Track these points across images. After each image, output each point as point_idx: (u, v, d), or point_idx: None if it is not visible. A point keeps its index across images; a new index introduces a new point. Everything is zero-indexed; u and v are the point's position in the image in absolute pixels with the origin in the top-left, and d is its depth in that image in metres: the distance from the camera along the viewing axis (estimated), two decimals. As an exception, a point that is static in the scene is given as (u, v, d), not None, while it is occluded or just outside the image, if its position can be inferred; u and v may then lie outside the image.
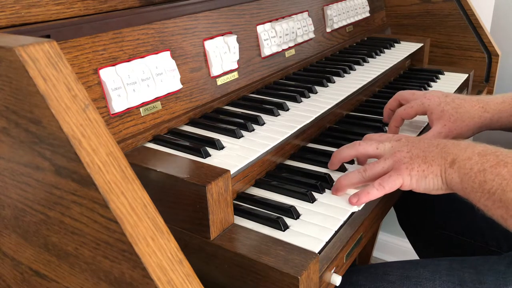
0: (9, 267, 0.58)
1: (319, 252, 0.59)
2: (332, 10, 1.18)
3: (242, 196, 0.72)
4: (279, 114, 0.83)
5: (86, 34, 0.65)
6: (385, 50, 1.25)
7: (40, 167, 0.45)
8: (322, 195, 0.71)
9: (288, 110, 0.85)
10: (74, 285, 0.50)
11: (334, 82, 1.00)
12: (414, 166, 0.66)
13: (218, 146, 0.71)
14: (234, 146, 0.72)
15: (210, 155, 0.68)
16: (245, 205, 0.69)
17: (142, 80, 0.70)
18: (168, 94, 0.76)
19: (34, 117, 0.42)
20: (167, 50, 0.76)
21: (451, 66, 1.34)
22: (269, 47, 0.98)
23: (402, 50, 1.25)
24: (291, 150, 0.84)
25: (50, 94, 0.41)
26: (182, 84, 0.78)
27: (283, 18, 1.04)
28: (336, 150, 0.76)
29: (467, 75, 1.23)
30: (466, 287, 0.73)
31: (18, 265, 0.56)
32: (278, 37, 1.00)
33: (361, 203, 0.67)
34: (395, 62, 1.16)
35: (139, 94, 0.70)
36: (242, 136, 0.75)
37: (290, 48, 1.05)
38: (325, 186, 0.72)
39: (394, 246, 1.89)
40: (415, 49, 1.28)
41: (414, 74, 1.26)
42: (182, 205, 0.60)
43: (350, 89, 0.97)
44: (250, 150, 0.71)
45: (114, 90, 0.67)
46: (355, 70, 1.09)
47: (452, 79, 1.21)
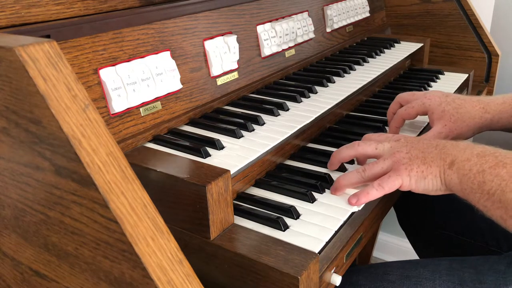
0: (9, 267, 0.58)
1: (319, 252, 0.59)
2: (332, 10, 1.18)
3: (242, 196, 0.72)
4: (279, 114, 0.83)
5: (86, 34, 0.65)
6: (385, 50, 1.25)
7: (40, 167, 0.45)
8: (322, 195, 0.71)
9: (288, 110, 0.85)
10: (74, 285, 0.50)
11: (334, 82, 1.00)
12: (413, 166, 0.66)
13: (218, 146, 0.71)
14: (234, 146, 0.72)
15: (210, 155, 0.68)
16: (245, 205, 0.69)
17: (142, 80, 0.71)
18: (168, 94, 0.76)
19: (34, 117, 0.42)
20: (167, 50, 0.76)
21: (451, 66, 1.34)
22: (269, 47, 0.98)
23: (402, 50, 1.25)
24: (291, 150, 0.84)
25: (50, 94, 0.41)
26: (182, 84, 0.78)
27: (283, 18, 1.04)
28: (335, 151, 0.76)
29: (467, 75, 1.23)
30: (466, 287, 0.73)
31: (18, 265, 0.56)
32: (278, 37, 1.00)
33: (360, 204, 0.67)
34: (395, 62, 1.16)
35: (139, 94, 0.70)
36: (242, 136, 0.75)
37: (290, 48, 1.05)
38: (325, 186, 0.72)
39: (394, 246, 1.89)
40: (415, 49, 1.28)
41: (414, 74, 1.26)
42: (182, 205, 0.60)
43: (350, 89, 0.97)
44: (250, 150, 0.71)
45: (114, 90, 0.67)
46: (355, 70, 1.09)
47: (452, 79, 1.21)
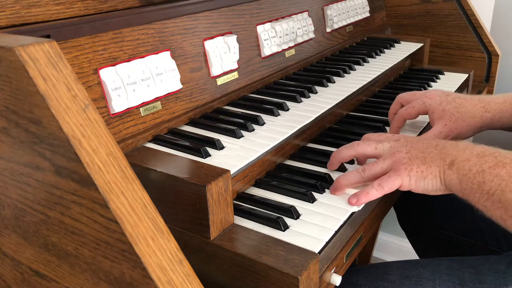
0: (9, 267, 0.58)
1: (319, 252, 0.59)
2: (332, 10, 1.18)
3: (242, 196, 0.72)
4: (279, 114, 0.83)
5: (86, 34, 0.65)
6: (385, 50, 1.25)
7: (40, 167, 0.45)
8: (322, 195, 0.71)
9: (288, 110, 0.85)
10: (74, 285, 0.50)
11: (334, 82, 1.00)
12: (413, 166, 0.66)
13: (218, 146, 0.71)
14: (234, 146, 0.72)
15: (210, 155, 0.68)
16: (245, 205, 0.69)
17: (142, 80, 0.70)
18: (168, 94, 0.76)
19: (34, 117, 0.42)
20: (167, 50, 0.76)
21: (451, 66, 1.34)
22: (269, 47, 0.98)
23: (402, 50, 1.25)
24: (291, 150, 0.84)
25: (50, 94, 0.41)
26: (182, 84, 0.78)
27: (283, 18, 1.04)
28: (335, 151, 0.76)
29: (467, 75, 1.23)
30: (466, 287, 0.73)
31: (18, 265, 0.56)
32: (278, 37, 1.00)
33: (360, 204, 0.67)
34: (395, 62, 1.16)
35: (139, 94, 0.70)
36: (242, 136, 0.75)
37: (290, 48, 1.05)
38: (325, 186, 0.72)
39: (394, 246, 1.89)
40: (415, 49, 1.28)
41: (414, 74, 1.26)
42: (182, 205, 0.60)
43: (350, 89, 0.97)
44: (250, 150, 0.71)
45: (114, 90, 0.67)
46: (355, 70, 1.09)
47: (452, 79, 1.21)
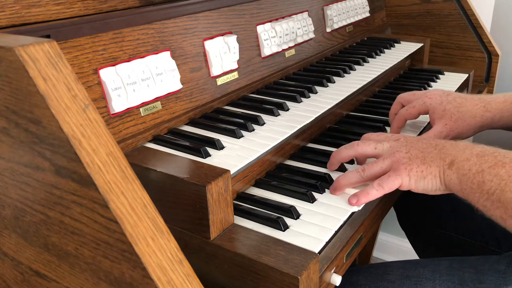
0: (9, 267, 0.58)
1: (319, 252, 0.59)
2: (332, 10, 1.18)
3: (242, 196, 0.72)
4: (279, 114, 0.83)
5: (86, 34, 0.65)
6: (385, 50, 1.25)
7: (40, 167, 0.45)
8: (322, 195, 0.71)
9: (288, 110, 0.85)
10: (74, 285, 0.50)
11: (334, 82, 1.00)
12: (413, 166, 0.66)
13: (218, 146, 0.71)
14: (234, 146, 0.72)
15: (210, 155, 0.68)
16: (245, 205, 0.69)
17: (142, 80, 0.71)
18: (168, 94, 0.76)
19: (34, 117, 0.42)
20: (167, 50, 0.76)
21: (451, 66, 1.34)
22: (269, 47, 0.98)
23: (402, 50, 1.25)
24: (291, 150, 0.84)
25: (50, 94, 0.41)
26: (182, 84, 0.78)
27: (283, 18, 1.04)
28: (335, 151, 0.76)
29: (467, 75, 1.23)
30: (466, 287, 0.73)
31: (18, 265, 0.56)
32: (278, 37, 1.00)
33: (360, 204, 0.67)
34: (395, 62, 1.16)
35: (139, 94, 0.70)
36: (242, 136, 0.75)
37: (290, 48, 1.05)
38: (325, 186, 0.72)
39: (394, 246, 1.89)
40: (415, 49, 1.28)
41: (414, 74, 1.26)
42: (182, 205, 0.60)
43: (350, 89, 0.97)
44: (250, 150, 0.71)
45: (114, 90, 0.67)
46: (355, 70, 1.09)
47: (452, 79, 1.21)
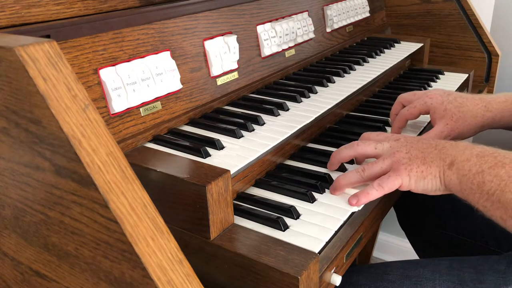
0: (9, 267, 0.58)
1: (319, 252, 0.59)
2: (332, 10, 1.18)
3: (242, 196, 0.72)
4: (279, 114, 0.83)
5: (86, 34, 0.65)
6: (385, 50, 1.25)
7: (40, 167, 0.45)
8: (322, 195, 0.71)
9: (288, 110, 0.85)
10: (74, 285, 0.50)
11: (334, 82, 1.00)
12: (413, 167, 0.66)
13: (218, 146, 0.71)
14: (234, 146, 0.72)
15: (210, 155, 0.68)
16: (245, 205, 0.69)
17: (142, 80, 0.70)
18: (168, 94, 0.76)
19: (34, 117, 0.42)
20: (167, 50, 0.76)
21: (451, 66, 1.34)
22: (269, 47, 0.98)
23: (402, 50, 1.25)
24: (291, 150, 0.84)
25: (50, 94, 0.41)
26: (182, 84, 0.78)
27: (283, 18, 1.04)
28: (334, 151, 0.76)
29: (467, 75, 1.23)
30: (466, 287, 0.73)
31: (18, 265, 0.56)
32: (278, 37, 1.00)
33: (360, 204, 0.67)
34: (395, 62, 1.16)
35: (139, 94, 0.70)
36: (242, 136, 0.75)
37: (290, 48, 1.05)
38: (325, 186, 0.72)
39: (394, 246, 1.89)
40: (415, 49, 1.28)
41: (414, 74, 1.26)
42: (182, 205, 0.60)
43: (350, 89, 0.97)
44: (250, 150, 0.71)
45: (114, 90, 0.67)
46: (355, 70, 1.09)
47: (452, 79, 1.21)
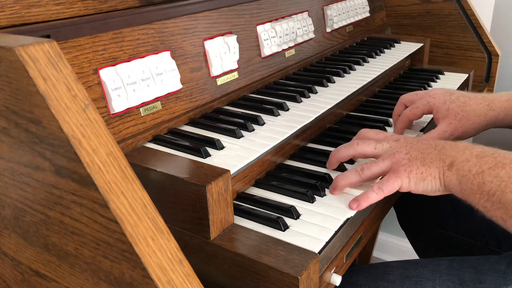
0: (9, 267, 0.58)
1: (319, 252, 0.59)
2: (332, 10, 1.18)
3: (242, 196, 0.72)
4: (279, 114, 0.83)
5: (86, 34, 0.65)
6: (385, 50, 1.25)
7: (40, 167, 0.45)
8: (322, 195, 0.71)
9: (288, 110, 0.85)
10: (74, 285, 0.50)
11: (334, 82, 1.00)
12: (413, 168, 0.66)
13: (218, 146, 0.71)
14: (234, 146, 0.72)
15: (210, 155, 0.68)
16: (245, 205, 0.69)
17: (142, 80, 0.70)
18: (168, 94, 0.76)
19: (34, 117, 0.42)
20: (167, 50, 0.76)
21: (451, 66, 1.34)
22: (269, 47, 0.98)
23: (402, 50, 1.25)
24: (291, 150, 0.84)
25: (50, 94, 0.41)
26: (182, 84, 0.78)
27: (283, 18, 1.04)
28: (333, 150, 0.76)
29: (467, 75, 1.23)
30: (466, 287, 0.73)
31: (18, 265, 0.56)
32: (278, 37, 1.00)
33: (361, 208, 0.67)
34: (395, 62, 1.16)
35: (139, 94, 0.70)
36: (242, 136, 0.75)
37: (290, 48, 1.05)
38: (325, 186, 0.72)
39: (394, 246, 1.89)
40: (415, 49, 1.28)
41: (414, 74, 1.26)
42: (182, 205, 0.60)
43: (350, 89, 0.97)
44: (250, 150, 0.71)
45: (114, 90, 0.67)
46: (355, 70, 1.09)
47: (452, 79, 1.21)
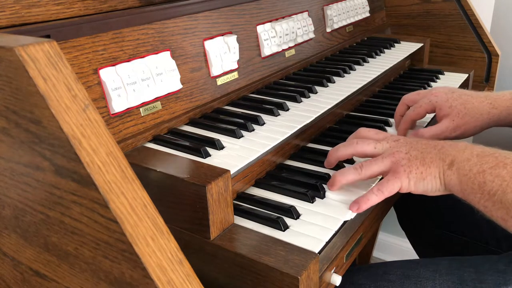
0: (9, 267, 0.58)
1: (319, 252, 0.59)
2: (332, 10, 1.18)
3: (242, 196, 0.72)
4: (279, 114, 0.83)
5: (86, 34, 0.65)
6: (385, 50, 1.25)
7: (40, 167, 0.45)
8: (322, 195, 0.71)
9: (288, 110, 0.85)
10: (74, 285, 0.50)
11: (334, 82, 1.00)
12: (412, 168, 0.66)
13: (218, 146, 0.71)
14: (234, 146, 0.72)
15: (210, 155, 0.68)
16: (245, 205, 0.69)
17: (142, 80, 0.70)
18: (168, 94, 0.76)
19: (34, 117, 0.42)
20: (167, 50, 0.76)
21: (451, 66, 1.34)
22: (269, 47, 0.98)
23: (402, 50, 1.25)
24: (291, 150, 0.84)
25: (50, 94, 0.41)
26: (182, 84, 0.78)
27: (283, 18, 1.04)
28: (332, 148, 0.76)
29: (467, 75, 1.23)
30: (466, 286, 0.73)
31: (18, 265, 0.56)
32: (278, 37, 1.00)
33: (361, 210, 0.67)
34: (395, 62, 1.16)
35: (139, 94, 0.70)
36: (242, 136, 0.75)
37: (290, 48, 1.05)
38: (325, 186, 0.72)
39: (394, 246, 1.89)
40: (415, 49, 1.28)
41: (414, 74, 1.26)
42: (182, 205, 0.60)
43: (350, 89, 0.96)
44: (250, 150, 0.71)
45: (114, 90, 0.67)
46: (355, 70, 1.09)
47: (452, 79, 1.21)
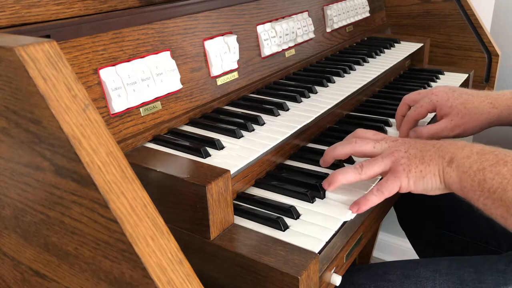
0: (9, 267, 0.58)
1: (319, 252, 0.59)
2: (332, 10, 1.18)
3: (242, 196, 0.72)
4: (279, 114, 0.83)
5: (86, 34, 0.65)
6: (385, 50, 1.25)
7: (40, 167, 0.45)
8: (322, 196, 0.71)
9: (288, 110, 0.85)
10: (74, 285, 0.50)
11: (334, 82, 1.00)
12: (412, 167, 0.66)
13: (218, 146, 0.71)
14: (234, 146, 0.72)
15: (210, 155, 0.68)
16: (245, 205, 0.69)
17: (142, 80, 0.71)
18: (168, 94, 0.76)
19: (34, 117, 0.42)
20: (167, 50, 0.76)
21: (451, 66, 1.34)
22: (269, 47, 0.98)
23: (402, 50, 1.25)
24: (291, 150, 0.84)
25: (50, 94, 0.41)
26: (182, 84, 0.78)
27: (283, 18, 1.04)
28: (329, 147, 0.75)
29: (467, 75, 1.23)
30: (466, 286, 0.73)
31: (18, 265, 0.56)
32: (278, 37, 1.00)
33: (361, 211, 0.66)
34: (395, 62, 1.16)
35: (139, 94, 0.70)
36: (242, 136, 0.75)
37: (290, 48, 1.05)
38: (325, 186, 0.72)
39: (394, 246, 1.89)
40: (415, 49, 1.28)
41: (414, 74, 1.26)
42: (182, 205, 0.60)
43: (350, 89, 0.96)
44: (250, 150, 0.71)
45: (114, 90, 0.67)
46: (355, 70, 1.09)
47: (452, 79, 1.21)
